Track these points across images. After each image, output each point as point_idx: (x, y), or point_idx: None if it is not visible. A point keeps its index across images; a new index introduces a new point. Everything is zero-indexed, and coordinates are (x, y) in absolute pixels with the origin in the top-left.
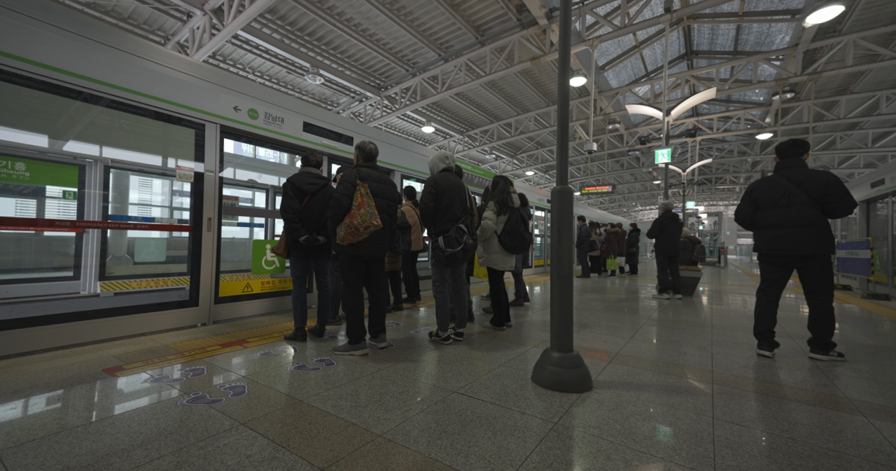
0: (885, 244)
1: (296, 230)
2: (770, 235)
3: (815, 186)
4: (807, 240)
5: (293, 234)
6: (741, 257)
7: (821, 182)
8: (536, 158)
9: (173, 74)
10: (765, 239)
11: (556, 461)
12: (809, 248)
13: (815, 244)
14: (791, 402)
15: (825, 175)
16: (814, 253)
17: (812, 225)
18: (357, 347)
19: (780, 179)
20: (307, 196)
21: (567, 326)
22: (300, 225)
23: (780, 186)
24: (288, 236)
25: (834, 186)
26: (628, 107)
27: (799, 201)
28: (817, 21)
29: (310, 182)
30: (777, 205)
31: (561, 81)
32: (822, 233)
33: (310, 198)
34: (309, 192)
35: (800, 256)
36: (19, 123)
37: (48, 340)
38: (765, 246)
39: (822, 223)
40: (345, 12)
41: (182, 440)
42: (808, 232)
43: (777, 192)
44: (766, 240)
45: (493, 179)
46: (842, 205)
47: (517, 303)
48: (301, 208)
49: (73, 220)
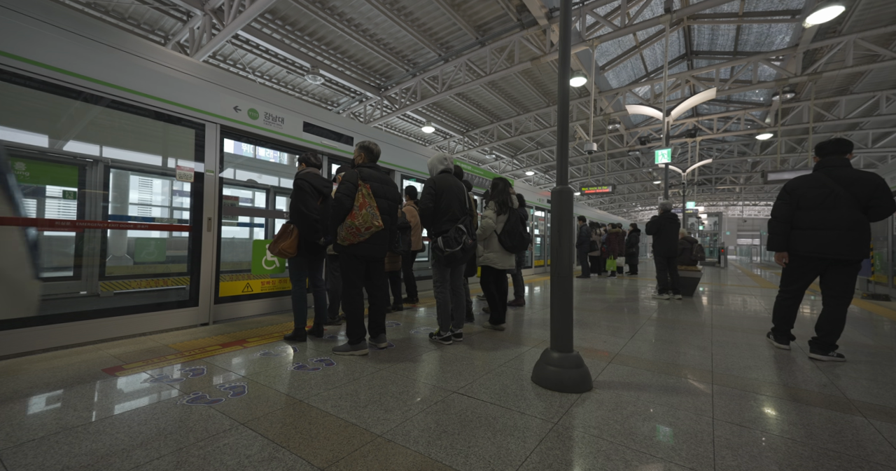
0: (885, 245)
1: (317, 230)
2: (811, 237)
3: (863, 189)
4: (852, 244)
5: (314, 233)
6: (741, 258)
7: (871, 185)
8: (536, 158)
9: (173, 74)
10: (804, 240)
11: (555, 461)
12: (853, 252)
13: (859, 249)
14: (791, 402)
15: (875, 177)
16: (855, 258)
17: (858, 229)
18: (357, 347)
19: (825, 179)
20: (320, 197)
21: (567, 327)
22: (322, 226)
23: (826, 185)
24: (306, 236)
25: (884, 190)
26: (628, 107)
27: (845, 203)
28: (817, 21)
29: (325, 184)
30: (822, 205)
31: (561, 81)
32: (866, 237)
33: (323, 199)
34: (324, 193)
35: (839, 260)
36: (19, 123)
37: (48, 340)
38: (804, 247)
39: (866, 227)
40: (345, 12)
41: (182, 440)
42: (854, 236)
43: (822, 192)
44: (806, 241)
45: (493, 181)
46: (887, 209)
47: (517, 303)
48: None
49: (73, 220)
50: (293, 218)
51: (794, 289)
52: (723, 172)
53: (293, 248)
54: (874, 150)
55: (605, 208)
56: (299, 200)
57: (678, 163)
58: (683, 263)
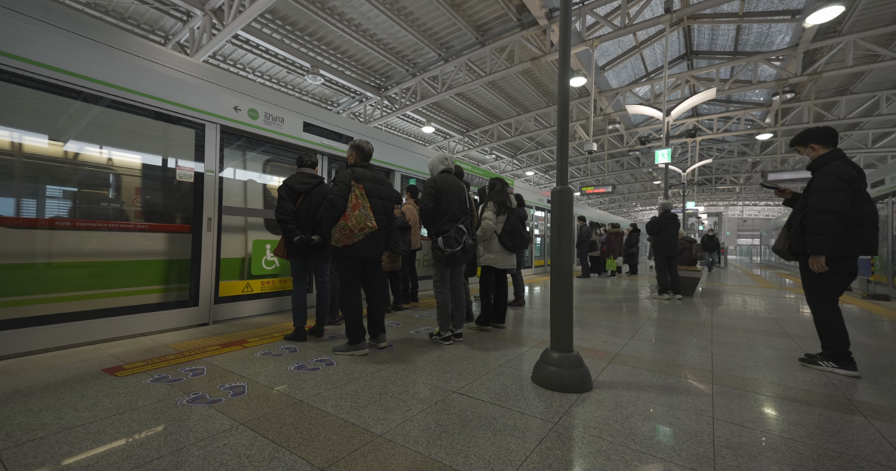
0: (885, 244)
1: (290, 231)
2: (861, 233)
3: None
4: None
5: (288, 235)
6: (741, 258)
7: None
8: (536, 158)
9: (173, 74)
10: (857, 238)
11: (556, 462)
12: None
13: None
14: (791, 402)
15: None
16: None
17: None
18: (357, 347)
19: (855, 169)
20: (301, 196)
21: (567, 327)
22: (294, 225)
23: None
24: (284, 237)
25: None
26: (628, 107)
27: (868, 196)
28: (817, 21)
29: (302, 182)
30: (864, 199)
31: (561, 81)
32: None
33: (304, 197)
34: (302, 191)
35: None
36: (19, 123)
37: (48, 340)
38: (860, 247)
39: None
40: (345, 12)
41: (182, 440)
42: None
43: (862, 183)
44: (860, 239)
45: (490, 181)
46: None
47: (517, 303)
48: (295, 209)
49: (73, 220)
50: None
51: (836, 297)
52: (723, 172)
53: (281, 249)
54: (874, 150)
55: (605, 208)
56: (277, 205)
57: (678, 163)
58: (683, 263)
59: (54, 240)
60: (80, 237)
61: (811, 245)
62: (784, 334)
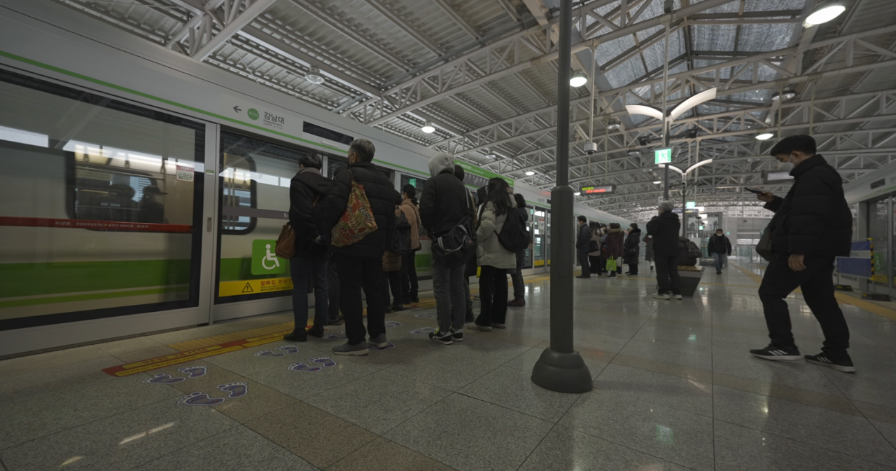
0: (885, 245)
1: (310, 230)
2: (837, 235)
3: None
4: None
5: (308, 234)
6: (741, 258)
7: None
8: (537, 159)
9: (174, 74)
10: (834, 239)
11: (555, 462)
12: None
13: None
14: (791, 402)
15: None
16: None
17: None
18: (357, 347)
19: (835, 174)
20: (317, 196)
21: (567, 327)
22: (315, 225)
23: (838, 181)
24: (300, 236)
25: None
26: (628, 107)
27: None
28: (817, 21)
29: (321, 183)
30: (842, 202)
31: (561, 81)
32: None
33: (319, 198)
34: (321, 192)
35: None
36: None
37: (48, 340)
38: (836, 247)
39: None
40: (345, 12)
41: (182, 440)
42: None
43: (841, 187)
44: (837, 241)
45: (490, 181)
46: None
47: (517, 303)
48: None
49: (72, 219)
50: (290, 219)
51: (787, 293)
52: (723, 172)
53: (290, 248)
54: (874, 150)
55: (605, 208)
56: (292, 201)
57: (678, 163)
58: (682, 262)
59: (54, 240)
60: (80, 237)
61: (793, 244)
62: None
